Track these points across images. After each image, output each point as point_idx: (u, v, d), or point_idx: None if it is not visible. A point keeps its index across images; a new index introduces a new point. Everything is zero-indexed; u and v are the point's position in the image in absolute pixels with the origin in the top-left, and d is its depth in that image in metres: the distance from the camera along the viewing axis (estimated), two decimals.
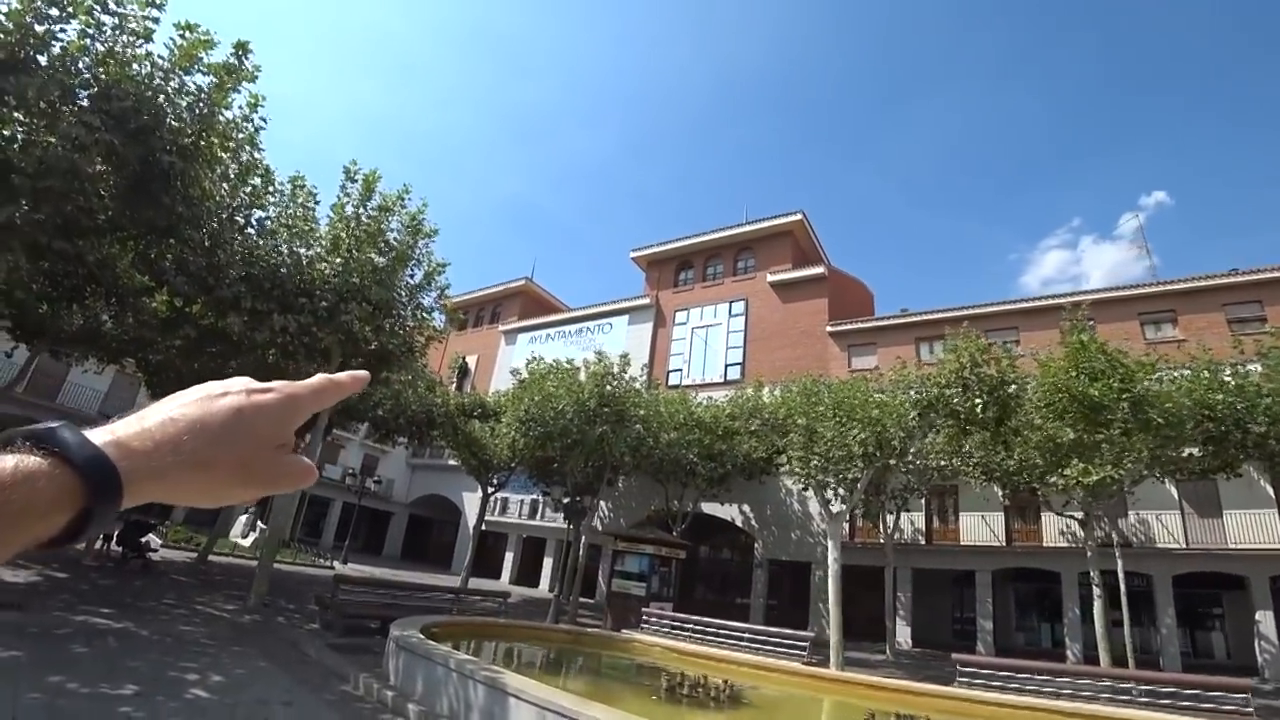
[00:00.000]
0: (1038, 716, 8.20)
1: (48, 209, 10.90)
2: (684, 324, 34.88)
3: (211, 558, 18.20)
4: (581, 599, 27.38)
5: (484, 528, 36.20)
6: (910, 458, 16.51)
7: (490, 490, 23.48)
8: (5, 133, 9.97)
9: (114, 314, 15.01)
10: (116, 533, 13.48)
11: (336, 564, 24.76)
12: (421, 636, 7.53)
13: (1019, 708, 8.79)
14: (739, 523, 28.73)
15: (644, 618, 14.40)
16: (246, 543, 22.31)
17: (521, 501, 33.72)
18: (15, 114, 9.99)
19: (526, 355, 22.76)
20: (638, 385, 19.28)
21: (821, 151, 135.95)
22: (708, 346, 33.52)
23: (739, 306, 33.59)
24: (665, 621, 13.92)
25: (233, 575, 15.85)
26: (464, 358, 42.05)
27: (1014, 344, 23.96)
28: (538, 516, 33.56)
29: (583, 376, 17.95)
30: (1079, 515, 17.06)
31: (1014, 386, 14.69)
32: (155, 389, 18.05)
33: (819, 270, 31.99)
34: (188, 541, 19.54)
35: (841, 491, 16.01)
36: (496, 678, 5.98)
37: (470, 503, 36.88)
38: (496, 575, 34.66)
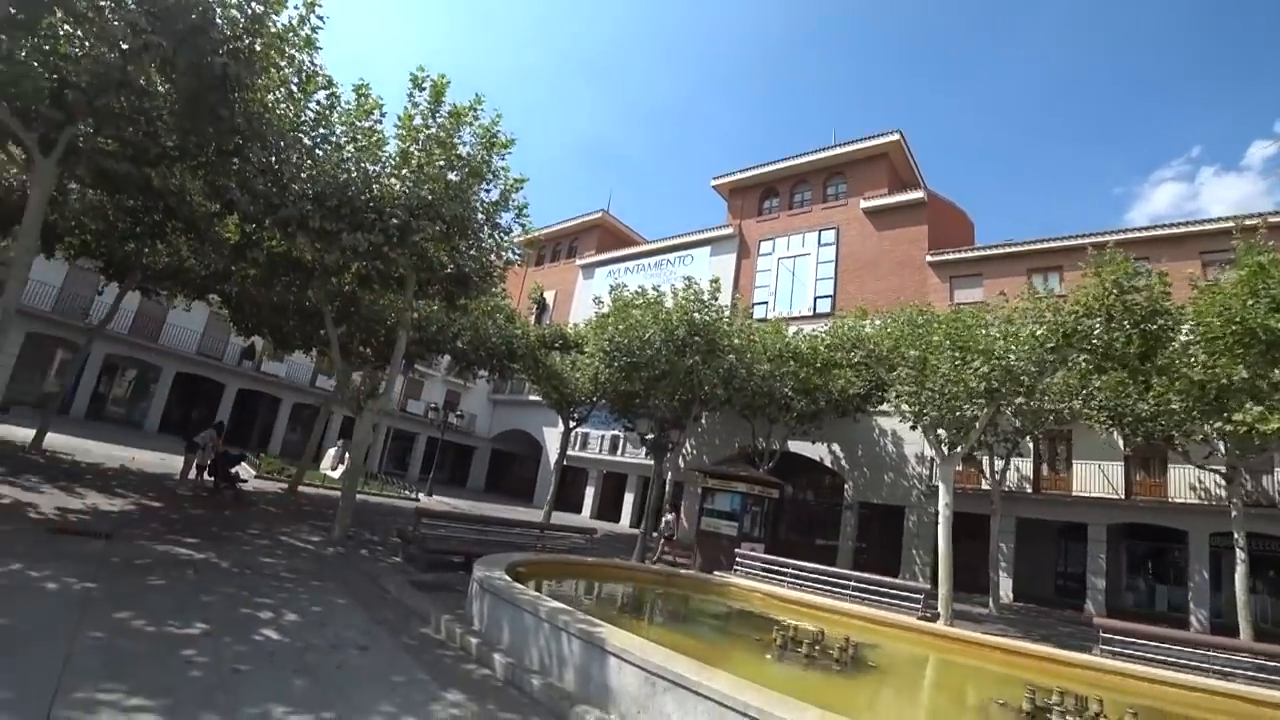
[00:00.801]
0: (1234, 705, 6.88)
1: (109, 131, 10.43)
2: (769, 254, 33.04)
3: (301, 488, 18.43)
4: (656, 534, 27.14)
5: (565, 463, 36.50)
6: (1035, 396, 14.78)
7: (572, 425, 23.00)
8: (61, 49, 9.42)
9: (194, 248, 14.85)
10: (208, 463, 13.53)
11: (421, 496, 25.07)
12: (507, 579, 6.79)
13: (1195, 689, 7.47)
14: (828, 462, 27.48)
15: (737, 559, 13.58)
16: (335, 474, 22.72)
17: (602, 437, 33.43)
18: (64, 25, 9.41)
19: (606, 289, 21.91)
20: (729, 314, 18.01)
21: (910, 77, 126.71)
22: (795, 278, 31.68)
23: (829, 235, 31.45)
24: (759, 564, 13.05)
25: (320, 506, 15.89)
26: (542, 291, 41.57)
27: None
28: (619, 452, 33.26)
29: (670, 304, 16.82)
30: (1221, 469, 15.02)
31: (1165, 320, 12.71)
32: (239, 323, 18.09)
33: (918, 195, 29.40)
34: (279, 473, 19.92)
35: (943, 433, 14.52)
36: (594, 632, 5.12)
37: (551, 438, 36.99)
38: (578, 510, 34.82)
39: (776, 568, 12.67)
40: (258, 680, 4.64)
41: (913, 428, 15.21)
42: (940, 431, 14.33)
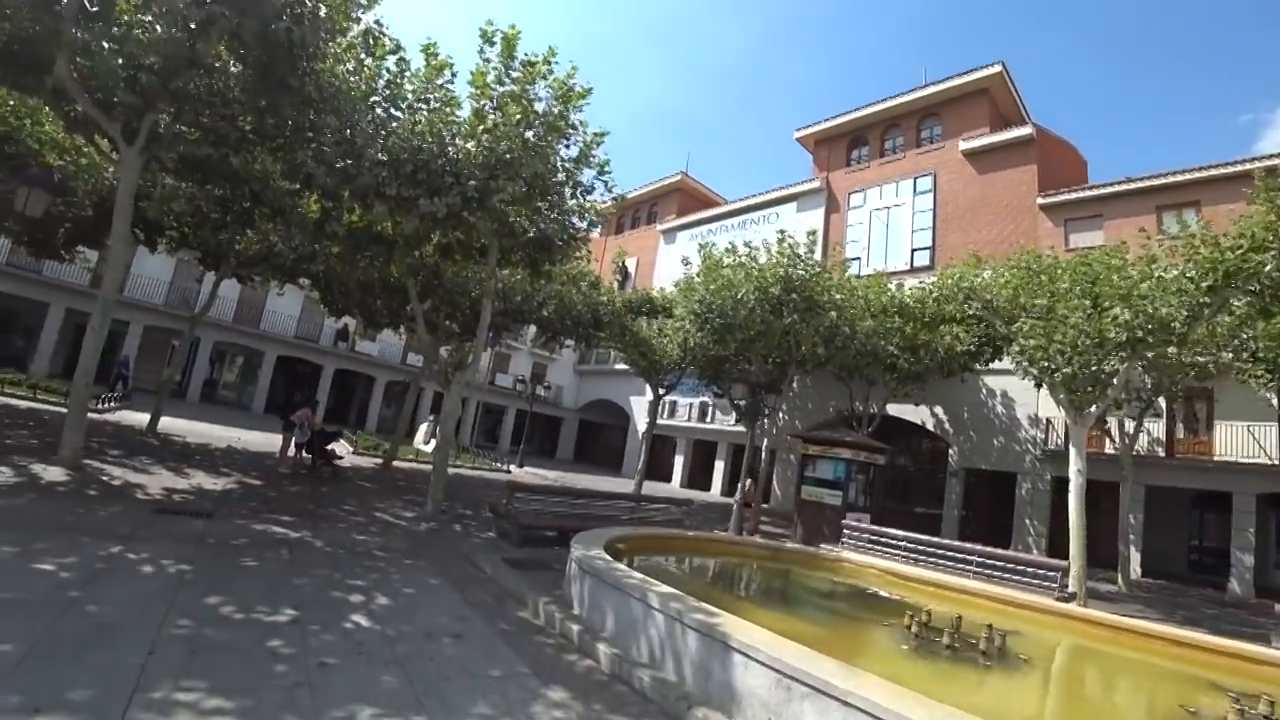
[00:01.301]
0: None
1: (188, 116, 10.39)
2: (860, 207, 31.18)
3: (396, 463, 18.67)
4: (763, 505, 26.35)
5: (654, 431, 36.18)
6: (1186, 347, 13.04)
7: (661, 393, 22.42)
8: (132, 35, 9.34)
9: (280, 232, 15.00)
10: (305, 441, 13.70)
11: (512, 468, 25.20)
12: (608, 559, 6.22)
13: None
14: (929, 426, 25.84)
15: (844, 532, 12.67)
16: (428, 448, 23.06)
17: (690, 405, 32.78)
18: (132, 10, 9.31)
19: (687, 253, 21.08)
20: (827, 269, 16.83)
21: (1004, 10, 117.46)
22: (889, 230, 29.77)
23: (925, 182, 29.31)
24: (868, 536, 12.11)
25: (414, 481, 15.97)
26: (624, 260, 41.03)
27: None
28: (708, 419, 32.56)
29: (763, 259, 15.82)
30: None
31: None
32: (329, 304, 18.33)
33: (1024, 132, 26.84)
34: (375, 449, 20.31)
35: (1064, 396, 12.99)
36: (713, 624, 4.46)
37: (638, 406, 36.68)
38: (667, 479, 34.47)
39: (888, 540, 11.69)
40: (345, 676, 4.22)
41: (1037, 386, 13.77)
42: (1069, 390, 12.85)
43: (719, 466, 32.70)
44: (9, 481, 8.22)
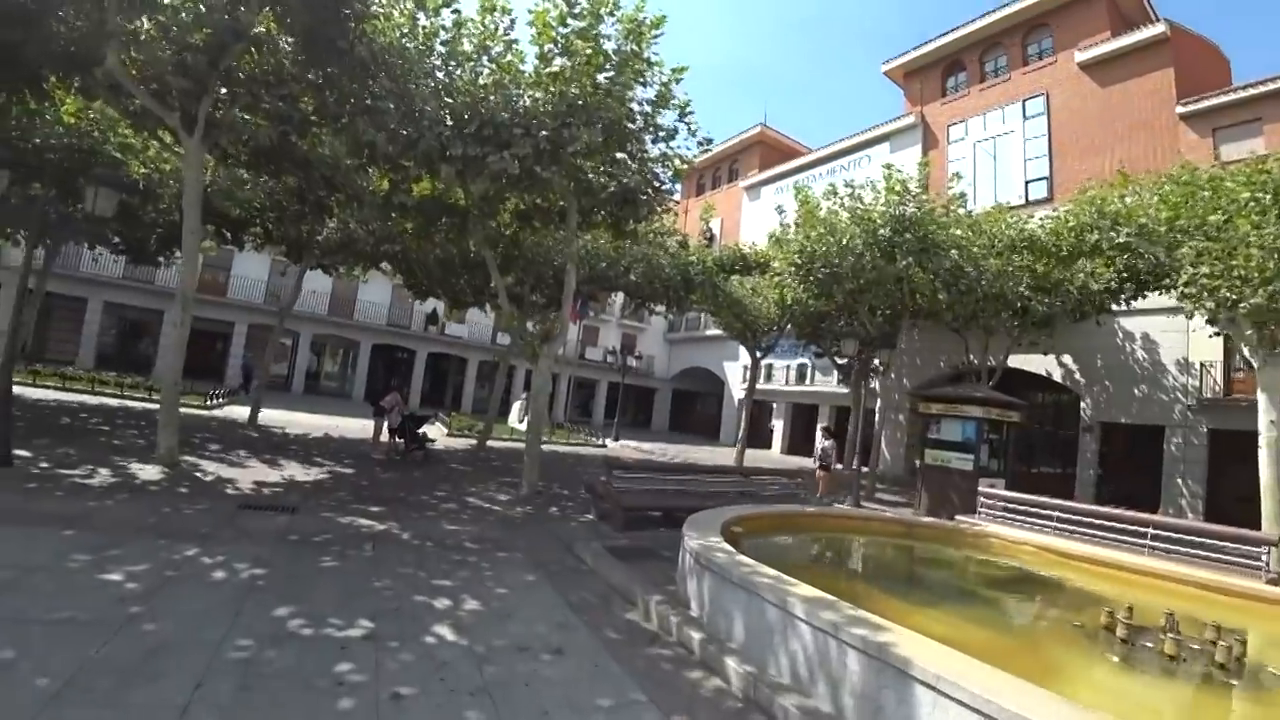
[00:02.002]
0: None
1: (245, 100, 9.93)
2: (961, 140, 28.41)
3: (490, 443, 18.33)
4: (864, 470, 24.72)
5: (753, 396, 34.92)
6: None
7: (759, 356, 21.13)
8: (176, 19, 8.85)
9: (355, 213, 14.71)
10: (397, 426, 13.38)
11: (608, 442, 24.62)
12: (730, 551, 5.21)
13: None
14: (1057, 377, 23.26)
15: (981, 501, 11.18)
16: (522, 426, 22.71)
17: (788, 367, 31.23)
18: None
19: (771, 208, 19.55)
20: (943, 203, 14.99)
21: None
22: (997, 162, 26.97)
23: (1036, 104, 26.27)
24: (1010, 505, 10.61)
25: (508, 460, 15.50)
26: (711, 216, 39.55)
27: None
28: (807, 381, 30.95)
29: (869, 198, 14.19)
30: None
31: None
32: (413, 287, 18.08)
33: (1156, 31, 23.35)
34: (469, 429, 20.10)
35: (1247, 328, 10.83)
36: (884, 644, 3.36)
37: (732, 372, 35.48)
38: (766, 445, 33.18)
39: (1035, 510, 10.12)
40: (420, 712, 3.41)
41: (1211, 321, 11.62)
42: (1259, 324, 10.73)
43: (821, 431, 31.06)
44: (106, 482, 8.04)
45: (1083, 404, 22.68)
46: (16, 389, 16.17)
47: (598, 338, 39.36)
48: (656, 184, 10.99)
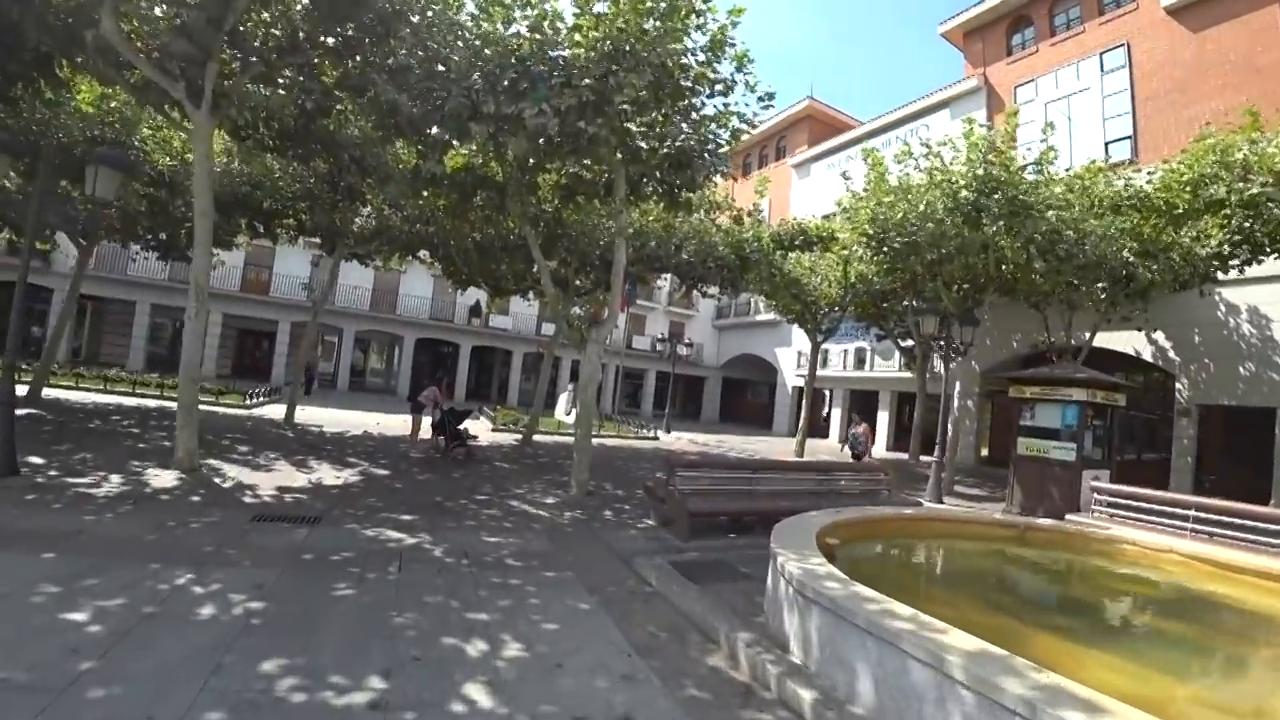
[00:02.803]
0: None
1: (257, 69, 9.04)
2: (1030, 102, 26.20)
3: (537, 437, 17.38)
4: (924, 458, 23.05)
5: (802, 384, 33.31)
6: None
7: (820, 339, 19.70)
8: None
9: (388, 191, 13.90)
10: (438, 422, 12.49)
11: (659, 433, 23.49)
12: (841, 579, 4.01)
13: None
14: (1147, 356, 21.15)
15: (1094, 498, 9.73)
16: (570, 419, 21.74)
17: (845, 351, 29.54)
18: None
19: (822, 186, 18.07)
20: (1030, 160, 13.34)
21: None
22: (1072, 123, 24.79)
23: (1116, 57, 23.97)
24: (1124, 502, 9.17)
25: (556, 456, 14.49)
26: (762, 194, 38.02)
27: None
28: (866, 366, 29.24)
29: (948, 157, 12.67)
30: None
31: None
32: (452, 275, 17.19)
33: None
34: (514, 423, 19.18)
35: None
36: None
37: (785, 358, 33.97)
38: (823, 435, 31.58)
39: (1164, 508, 8.60)
40: None
41: None
42: None
43: (882, 418, 29.39)
44: (113, 492, 7.25)
45: (1178, 385, 20.54)
46: (58, 393, 16.04)
47: (645, 326, 38.26)
48: (713, 145, 9.74)
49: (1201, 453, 20.26)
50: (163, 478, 8.09)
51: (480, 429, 17.85)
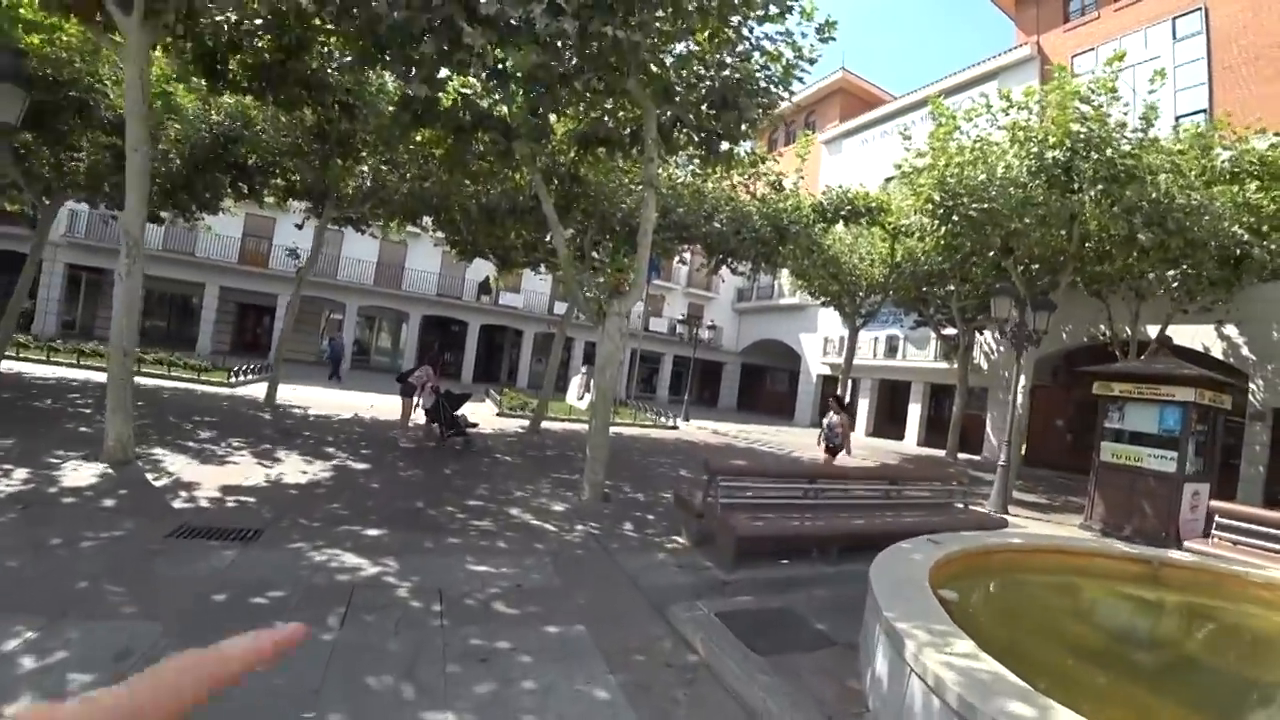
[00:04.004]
0: None
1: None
2: (1090, 73, 24.09)
3: (546, 424, 15.79)
4: (962, 455, 21.32)
5: (829, 373, 31.55)
6: None
7: (860, 323, 17.93)
8: None
9: (382, 149, 12.29)
10: (428, 407, 10.91)
11: (679, 422, 21.85)
12: (1021, 688, 2.34)
13: None
14: (1217, 353, 19.20)
15: (1217, 523, 8.08)
16: (582, 404, 20.12)
17: (875, 339, 27.66)
18: None
19: (854, 162, 16.25)
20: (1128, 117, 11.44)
21: None
22: (1136, 95, 22.67)
23: (1190, 23, 21.85)
24: (1256, 528, 7.56)
25: (566, 448, 12.89)
26: (804, 158, 36.19)
27: None
28: (898, 355, 27.39)
29: (1029, 112, 10.85)
30: None
31: None
32: (457, 245, 15.56)
33: None
34: (522, 408, 17.56)
35: None
36: None
37: (809, 345, 32.19)
38: (850, 427, 29.79)
39: None
40: None
41: None
42: None
43: (914, 411, 27.56)
44: (6, 491, 5.70)
45: (1251, 386, 18.62)
46: (25, 367, 14.66)
47: (663, 307, 36.53)
48: (765, 81, 8.00)
49: (1274, 461, 18.43)
50: (81, 473, 6.55)
51: (484, 414, 16.30)
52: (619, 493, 8.87)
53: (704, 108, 8.25)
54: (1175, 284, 15.21)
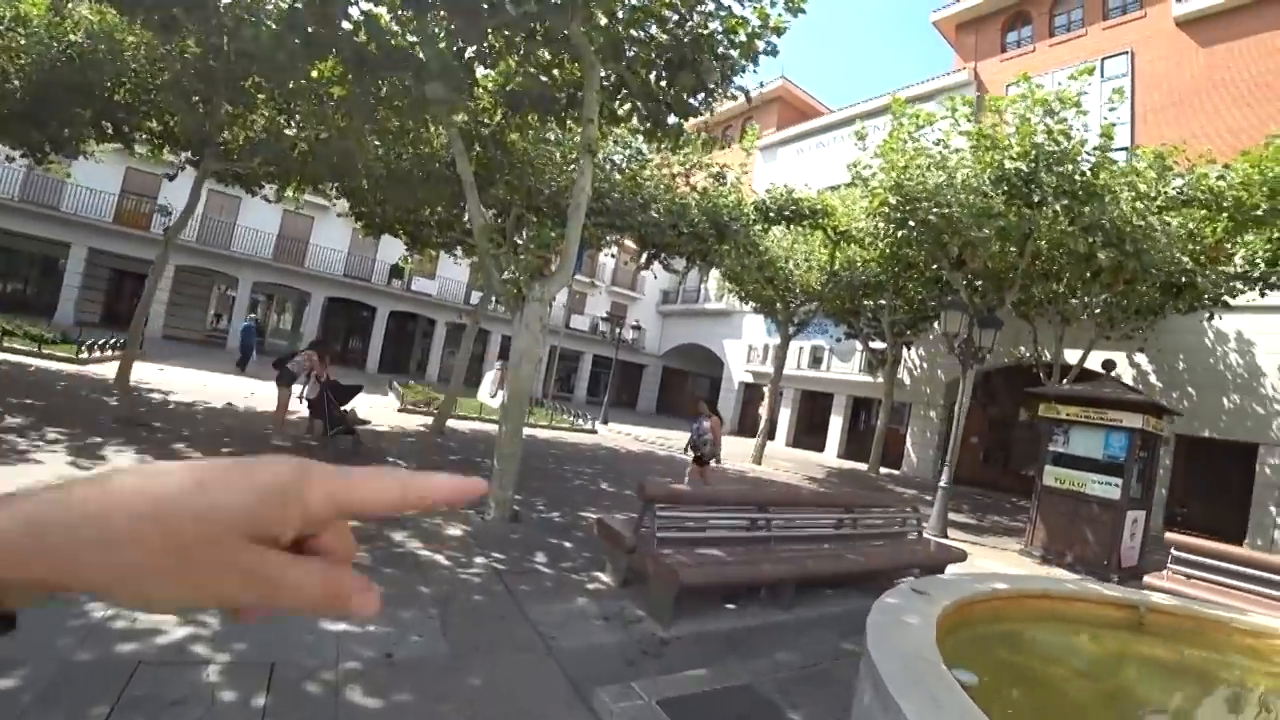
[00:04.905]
0: None
1: None
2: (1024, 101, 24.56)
3: (453, 423, 14.26)
4: (884, 470, 21.18)
5: (750, 380, 31.17)
6: None
7: (792, 332, 17.27)
8: None
9: (279, 104, 10.58)
10: (308, 401, 9.28)
11: (598, 425, 20.68)
12: None
13: None
14: (1128, 379, 19.71)
15: (1173, 556, 7.67)
16: (495, 402, 18.58)
17: (800, 349, 27.36)
18: None
19: (789, 172, 15.69)
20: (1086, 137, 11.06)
21: None
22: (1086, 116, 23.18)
23: (1117, 65, 22.50)
24: (1213, 563, 7.21)
25: (473, 451, 11.46)
26: (749, 152, 35.67)
27: None
28: (822, 366, 27.15)
29: (995, 125, 10.32)
30: None
31: None
32: (364, 218, 13.87)
33: None
34: (428, 404, 15.88)
35: None
36: None
37: (733, 351, 31.74)
38: (770, 436, 29.43)
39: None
40: None
41: None
42: None
43: (835, 423, 27.41)
44: None
45: None
46: None
47: (585, 305, 35.26)
48: (728, 44, 6.94)
49: (1177, 486, 19.07)
50: None
51: (384, 409, 14.62)
52: (531, 510, 7.59)
53: (655, 73, 7.13)
54: (1099, 310, 15.39)
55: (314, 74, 7.73)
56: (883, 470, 21.09)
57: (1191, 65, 20.91)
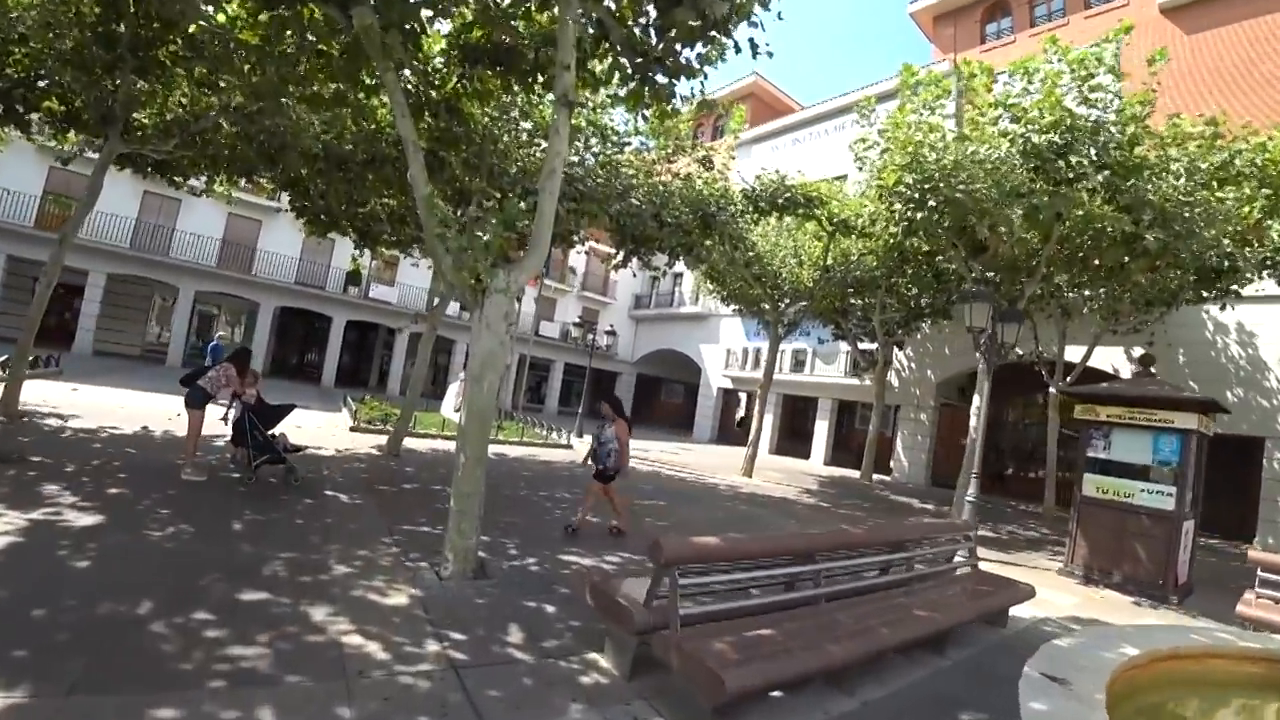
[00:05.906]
0: None
1: None
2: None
3: (413, 443, 12.69)
4: (877, 476, 20.12)
5: (730, 385, 30.01)
6: None
7: (782, 333, 16.04)
8: None
9: (201, 75, 8.98)
10: (232, 423, 7.68)
11: (572, 439, 19.20)
12: None
13: None
14: (1126, 374, 18.96)
15: (1260, 575, 6.51)
16: (459, 417, 16.97)
17: (782, 352, 26.21)
18: None
19: (761, 168, 14.63)
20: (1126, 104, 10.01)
21: None
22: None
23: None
24: None
25: (433, 478, 9.91)
26: (737, 135, 34.57)
27: None
28: (806, 369, 26.02)
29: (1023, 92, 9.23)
30: None
31: None
32: (305, 214, 12.34)
33: None
34: (384, 421, 14.23)
35: None
36: None
37: (710, 357, 30.55)
38: (744, 442, 28.34)
39: None
40: None
41: None
42: None
43: (820, 428, 26.31)
44: None
45: None
46: None
47: (554, 311, 33.75)
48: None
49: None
50: None
51: (336, 428, 13.00)
52: (501, 557, 6.13)
53: (642, 20, 5.79)
54: (1100, 304, 14.54)
55: (219, 16, 6.21)
56: (877, 477, 20.05)
57: (1177, 53, 20.34)
